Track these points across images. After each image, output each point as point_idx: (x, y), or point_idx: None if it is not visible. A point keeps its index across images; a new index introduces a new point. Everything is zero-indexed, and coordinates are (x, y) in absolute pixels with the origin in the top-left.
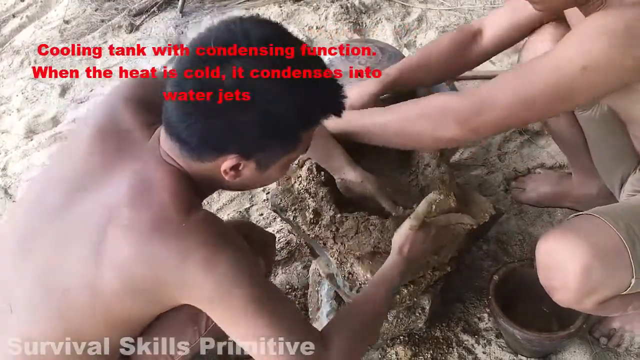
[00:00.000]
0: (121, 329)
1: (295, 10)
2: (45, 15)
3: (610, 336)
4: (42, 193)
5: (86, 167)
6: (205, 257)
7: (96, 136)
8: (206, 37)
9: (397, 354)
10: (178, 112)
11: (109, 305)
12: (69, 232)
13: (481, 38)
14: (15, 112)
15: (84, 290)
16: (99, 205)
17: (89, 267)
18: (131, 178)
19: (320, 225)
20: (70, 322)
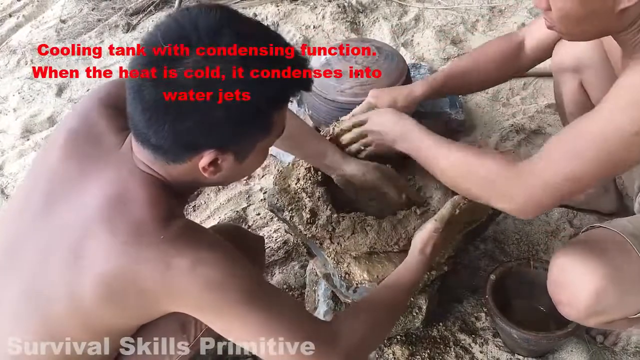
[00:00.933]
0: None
1: (292, 9)
2: (42, 15)
3: (607, 334)
4: (25, 201)
5: (63, 173)
6: (188, 265)
7: (71, 141)
8: (154, 34)
9: (394, 354)
10: (142, 118)
11: (91, 315)
12: (50, 241)
13: (524, 48)
14: (12, 112)
15: (65, 300)
16: (76, 216)
17: (69, 277)
18: (106, 188)
19: (317, 225)
20: (55, 331)
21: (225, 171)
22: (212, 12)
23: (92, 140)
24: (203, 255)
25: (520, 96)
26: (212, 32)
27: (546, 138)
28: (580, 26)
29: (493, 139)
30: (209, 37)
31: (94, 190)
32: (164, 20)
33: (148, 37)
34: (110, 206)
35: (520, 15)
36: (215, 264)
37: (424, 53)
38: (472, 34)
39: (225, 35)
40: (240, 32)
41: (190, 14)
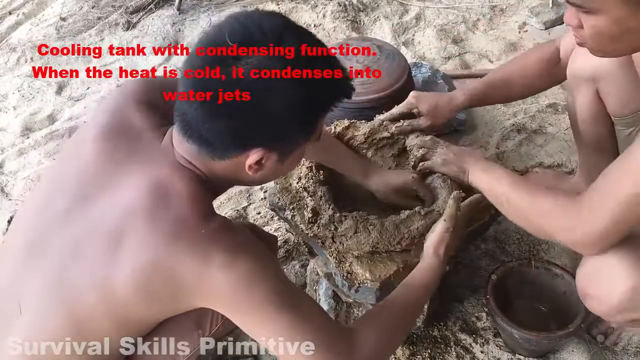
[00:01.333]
0: (130, 329)
1: (292, 8)
2: (42, 13)
3: (608, 335)
4: (52, 194)
5: (96, 168)
6: (226, 261)
7: (104, 137)
8: (219, 33)
9: (395, 353)
10: (198, 113)
11: (122, 307)
12: (83, 234)
13: (560, 59)
14: (12, 110)
15: (96, 291)
16: (115, 208)
17: (103, 270)
18: (147, 182)
19: (318, 224)
20: (79, 323)
21: (267, 170)
22: (273, 16)
23: (127, 134)
24: (240, 253)
25: None
26: (277, 35)
27: (547, 138)
28: (614, 44)
29: (494, 139)
30: (273, 39)
31: (134, 183)
32: (227, 20)
33: (210, 36)
34: (152, 199)
35: (521, 15)
36: (250, 263)
37: (425, 52)
38: (473, 33)
39: (288, 38)
40: (300, 36)
41: (252, 16)
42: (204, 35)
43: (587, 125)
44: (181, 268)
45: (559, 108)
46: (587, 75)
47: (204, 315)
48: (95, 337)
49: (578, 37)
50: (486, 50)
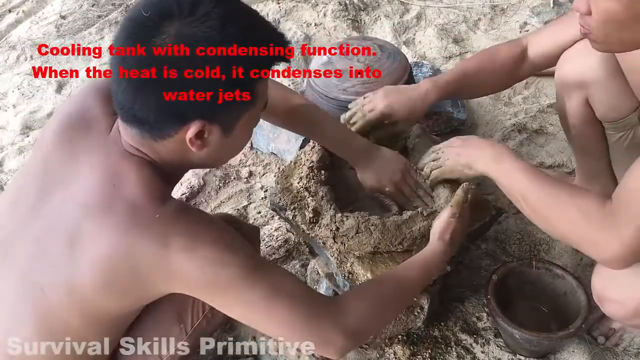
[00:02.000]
0: (104, 327)
1: (293, 7)
2: (42, 11)
3: (609, 336)
4: (19, 189)
5: (56, 159)
6: (186, 244)
7: (64, 126)
8: (137, 8)
9: (395, 353)
10: (127, 92)
11: (89, 304)
12: (46, 229)
13: (527, 55)
14: (12, 108)
15: (60, 290)
16: (70, 201)
17: (66, 265)
18: (99, 174)
19: (320, 224)
20: (48, 323)
21: (213, 146)
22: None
23: (84, 124)
24: (200, 234)
25: (522, 95)
26: (193, 2)
27: (548, 137)
28: (620, 32)
29: (495, 139)
30: (190, 7)
31: (86, 175)
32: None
33: (130, 12)
34: (103, 189)
35: (522, 14)
36: (212, 242)
37: (425, 51)
38: (474, 32)
39: (206, 4)
40: (219, 2)
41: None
42: (127, 12)
43: (579, 130)
44: (140, 255)
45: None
46: (575, 82)
47: (184, 309)
48: (71, 337)
49: (584, 25)
50: None
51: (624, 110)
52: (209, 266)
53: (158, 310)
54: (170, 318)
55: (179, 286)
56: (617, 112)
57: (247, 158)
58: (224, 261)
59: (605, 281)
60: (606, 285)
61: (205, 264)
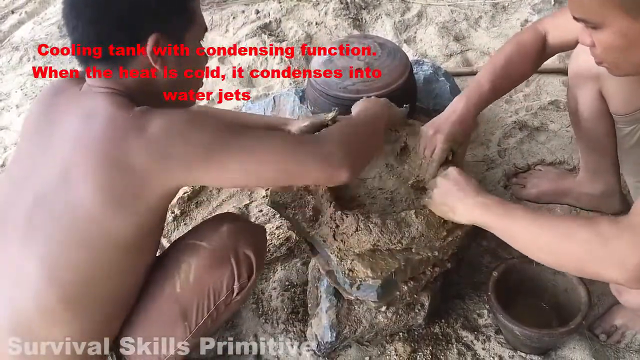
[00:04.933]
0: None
1: (294, 5)
2: (45, 11)
3: (610, 333)
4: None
5: (41, 123)
6: (160, 124)
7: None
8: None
9: (396, 350)
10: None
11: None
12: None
13: (548, 42)
14: (15, 109)
15: (64, 221)
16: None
17: (65, 197)
18: (75, 118)
19: (320, 222)
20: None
21: (172, 63)
22: None
23: (55, 95)
24: (173, 116)
25: (524, 93)
26: None
27: (549, 135)
28: (626, 58)
29: (496, 136)
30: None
31: (63, 128)
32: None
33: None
34: (81, 123)
35: (523, 12)
36: (185, 118)
37: (426, 49)
38: (475, 30)
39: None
40: None
41: None
42: None
43: (589, 123)
44: (123, 150)
45: (561, 105)
46: (590, 74)
47: (190, 307)
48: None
49: (595, 56)
50: (488, 47)
51: (637, 103)
52: (188, 136)
53: (162, 308)
54: (175, 316)
55: (167, 170)
56: (631, 104)
57: None
58: (202, 127)
59: None
60: None
61: (184, 135)
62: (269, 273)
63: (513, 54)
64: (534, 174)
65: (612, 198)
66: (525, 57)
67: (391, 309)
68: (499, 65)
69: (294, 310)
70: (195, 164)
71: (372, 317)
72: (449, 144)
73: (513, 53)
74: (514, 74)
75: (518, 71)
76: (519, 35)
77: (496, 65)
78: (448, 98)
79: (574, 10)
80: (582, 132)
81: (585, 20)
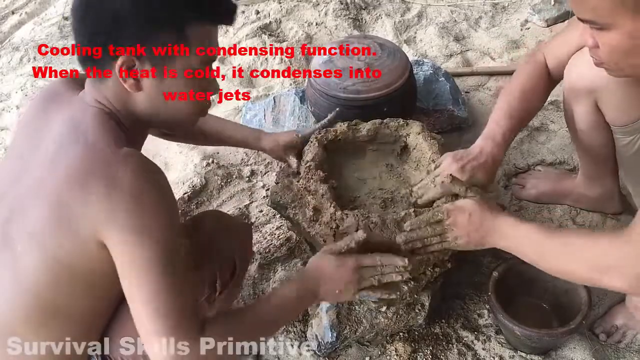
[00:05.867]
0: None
1: (294, 6)
2: (45, 12)
3: (610, 333)
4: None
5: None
6: (131, 191)
7: (32, 107)
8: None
9: (396, 350)
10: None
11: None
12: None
13: (550, 70)
14: (15, 109)
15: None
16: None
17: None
18: (61, 128)
19: (320, 222)
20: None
21: (149, 91)
22: None
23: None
24: (147, 187)
25: None
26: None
27: (549, 135)
28: (630, 60)
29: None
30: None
31: (51, 135)
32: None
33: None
34: (64, 138)
35: (523, 12)
36: (155, 203)
37: (426, 50)
38: (475, 30)
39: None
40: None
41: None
42: None
43: (586, 135)
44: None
45: (560, 105)
46: (584, 88)
47: None
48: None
49: (595, 57)
50: (488, 47)
51: (634, 114)
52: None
53: None
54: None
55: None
56: (628, 116)
57: (248, 157)
58: (156, 231)
59: None
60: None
61: (140, 223)
62: (270, 273)
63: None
64: (533, 175)
65: (612, 200)
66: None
67: (391, 309)
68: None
69: None
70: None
71: (373, 317)
72: (465, 186)
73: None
74: (528, 115)
75: (531, 111)
76: (522, 73)
77: (511, 103)
78: (448, 98)
79: (581, 12)
80: (579, 142)
81: (593, 22)
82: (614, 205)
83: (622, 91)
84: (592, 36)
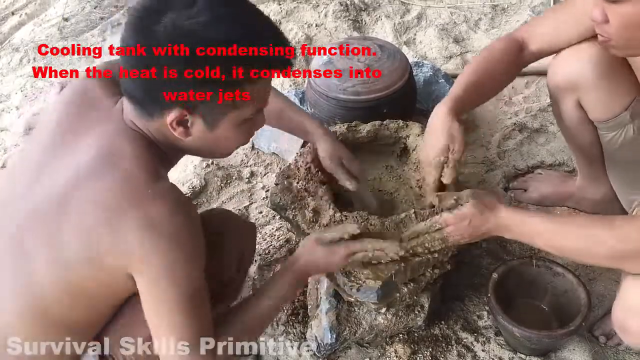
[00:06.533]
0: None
1: (294, 7)
2: (45, 13)
3: (610, 335)
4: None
5: (54, 137)
6: (167, 232)
7: (63, 107)
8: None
9: (396, 352)
10: (126, 68)
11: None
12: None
13: (526, 50)
14: (15, 110)
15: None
16: (66, 174)
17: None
18: (95, 144)
19: (320, 223)
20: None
21: (197, 136)
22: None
23: (85, 104)
24: (181, 231)
25: (523, 94)
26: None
27: (549, 136)
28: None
29: (495, 138)
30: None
31: (84, 148)
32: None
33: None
34: (100, 161)
35: (522, 14)
36: (181, 243)
37: (426, 51)
38: (475, 32)
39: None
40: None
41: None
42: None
43: (574, 132)
44: (123, 226)
45: None
46: (567, 85)
47: None
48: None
49: (603, 33)
50: None
51: (616, 109)
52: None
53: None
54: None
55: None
56: (609, 110)
57: (248, 158)
58: (185, 272)
59: (627, 312)
60: (628, 316)
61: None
62: (269, 274)
63: (488, 66)
64: (535, 178)
65: (613, 202)
66: (502, 66)
67: (391, 311)
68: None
69: (294, 312)
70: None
71: (372, 318)
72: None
73: (488, 65)
74: (494, 83)
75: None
76: (493, 45)
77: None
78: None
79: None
80: (570, 140)
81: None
82: (615, 208)
83: (602, 87)
84: (603, 11)
